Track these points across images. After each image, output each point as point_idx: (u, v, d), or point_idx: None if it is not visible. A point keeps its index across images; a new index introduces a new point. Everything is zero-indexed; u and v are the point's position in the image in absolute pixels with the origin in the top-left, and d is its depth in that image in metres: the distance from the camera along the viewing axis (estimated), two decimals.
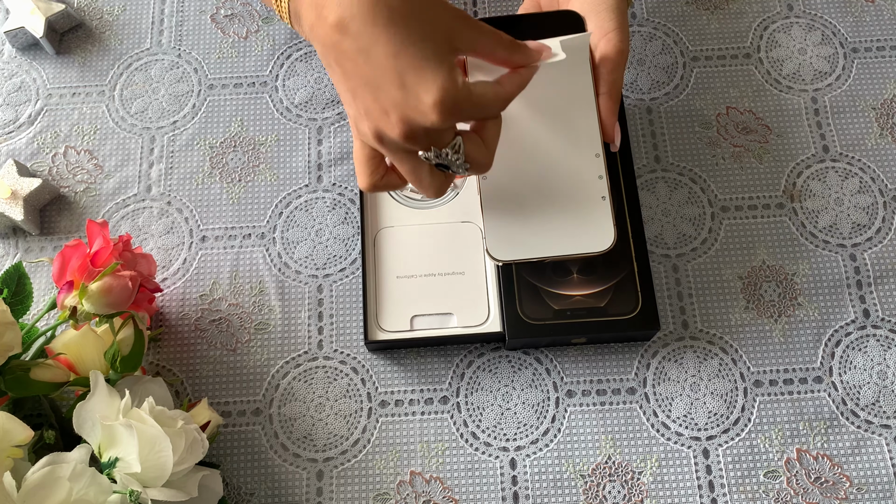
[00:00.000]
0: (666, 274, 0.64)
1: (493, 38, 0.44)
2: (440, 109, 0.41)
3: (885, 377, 0.60)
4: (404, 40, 0.41)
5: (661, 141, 0.68)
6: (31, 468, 0.46)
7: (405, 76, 0.41)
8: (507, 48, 0.45)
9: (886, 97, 0.69)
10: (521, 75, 0.46)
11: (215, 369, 0.62)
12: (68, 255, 0.54)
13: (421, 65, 0.41)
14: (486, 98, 0.43)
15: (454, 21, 0.43)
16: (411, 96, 0.41)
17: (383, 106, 0.42)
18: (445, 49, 0.42)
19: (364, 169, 0.47)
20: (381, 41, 0.40)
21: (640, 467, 0.58)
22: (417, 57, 0.41)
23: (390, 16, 0.40)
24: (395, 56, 0.41)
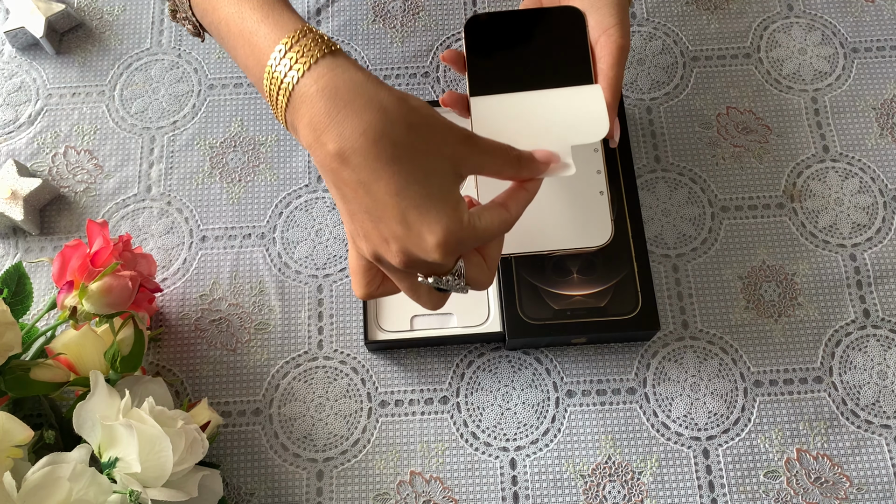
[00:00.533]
0: (666, 274, 0.64)
1: (500, 158, 0.42)
2: (443, 250, 0.39)
3: (886, 377, 0.60)
4: (408, 177, 0.39)
5: (661, 141, 0.68)
6: (31, 468, 0.46)
7: (408, 214, 0.39)
8: (514, 165, 0.43)
9: (886, 97, 0.69)
10: (528, 191, 0.44)
11: (215, 369, 0.62)
12: (68, 255, 0.54)
13: (424, 204, 0.39)
14: (491, 229, 0.41)
15: (459, 146, 0.41)
16: (413, 234, 0.39)
17: (383, 235, 0.40)
18: (450, 180, 0.40)
19: (360, 279, 0.45)
20: (383, 178, 0.39)
21: (640, 467, 0.58)
22: (421, 195, 0.39)
23: (394, 151, 0.39)
24: (398, 194, 0.39)
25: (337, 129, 0.39)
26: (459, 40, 0.72)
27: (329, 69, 0.40)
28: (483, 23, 0.52)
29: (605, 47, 0.50)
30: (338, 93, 0.40)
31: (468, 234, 0.40)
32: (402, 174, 0.39)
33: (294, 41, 0.42)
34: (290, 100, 0.41)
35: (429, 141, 0.40)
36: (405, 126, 0.39)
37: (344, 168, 0.39)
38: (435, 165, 0.40)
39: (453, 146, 0.40)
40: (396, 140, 0.39)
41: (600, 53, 0.51)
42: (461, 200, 0.41)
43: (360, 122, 0.39)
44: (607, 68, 0.50)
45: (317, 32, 0.42)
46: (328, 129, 0.39)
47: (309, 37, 0.42)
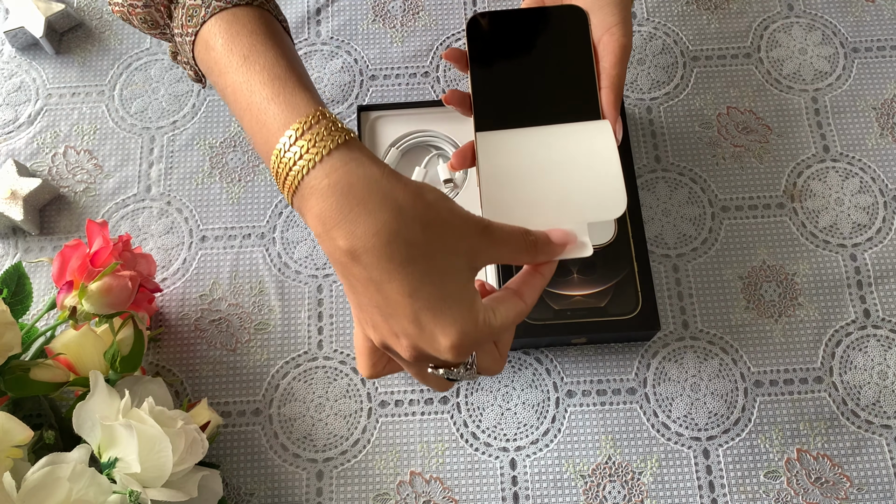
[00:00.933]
0: (666, 274, 0.64)
1: (516, 247, 0.41)
2: (457, 352, 0.38)
3: (886, 377, 0.60)
4: (422, 279, 0.37)
5: (661, 141, 0.68)
6: (30, 468, 0.46)
7: (421, 316, 0.37)
8: (530, 252, 0.42)
9: (887, 97, 0.69)
10: (544, 275, 0.43)
11: (215, 369, 0.62)
12: (68, 255, 0.54)
13: (438, 305, 0.37)
14: (507, 324, 0.40)
15: (476, 240, 0.39)
16: (426, 334, 0.38)
17: (394, 330, 0.39)
18: (465, 276, 0.39)
19: (366, 361, 0.43)
20: (395, 279, 0.37)
21: (640, 467, 0.58)
22: (435, 297, 0.37)
23: (408, 252, 0.37)
24: (411, 295, 0.37)
25: (348, 227, 0.37)
26: (459, 40, 0.72)
27: (343, 162, 0.38)
28: (485, 22, 0.52)
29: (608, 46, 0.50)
30: (351, 190, 0.37)
31: (483, 334, 0.38)
32: (416, 275, 0.37)
33: (306, 127, 0.39)
34: (299, 189, 0.39)
35: (444, 238, 0.38)
36: (420, 225, 0.37)
37: (354, 264, 0.37)
38: (450, 263, 0.38)
39: (470, 240, 0.39)
40: (411, 240, 0.37)
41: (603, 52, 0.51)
42: (476, 297, 0.39)
43: (373, 221, 0.37)
44: (610, 67, 0.50)
45: (331, 118, 0.40)
46: (339, 226, 0.37)
47: (322, 123, 0.39)
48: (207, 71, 0.44)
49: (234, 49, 0.43)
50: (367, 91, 0.70)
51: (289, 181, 0.39)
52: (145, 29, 0.48)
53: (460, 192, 0.64)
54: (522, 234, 0.41)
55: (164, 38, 0.49)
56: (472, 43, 0.52)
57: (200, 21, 0.44)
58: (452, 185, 0.64)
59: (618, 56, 0.50)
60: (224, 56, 0.43)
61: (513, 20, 0.53)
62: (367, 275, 0.37)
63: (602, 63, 0.50)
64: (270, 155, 0.40)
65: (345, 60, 0.71)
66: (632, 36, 0.52)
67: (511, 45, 0.52)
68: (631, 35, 0.51)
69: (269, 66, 0.42)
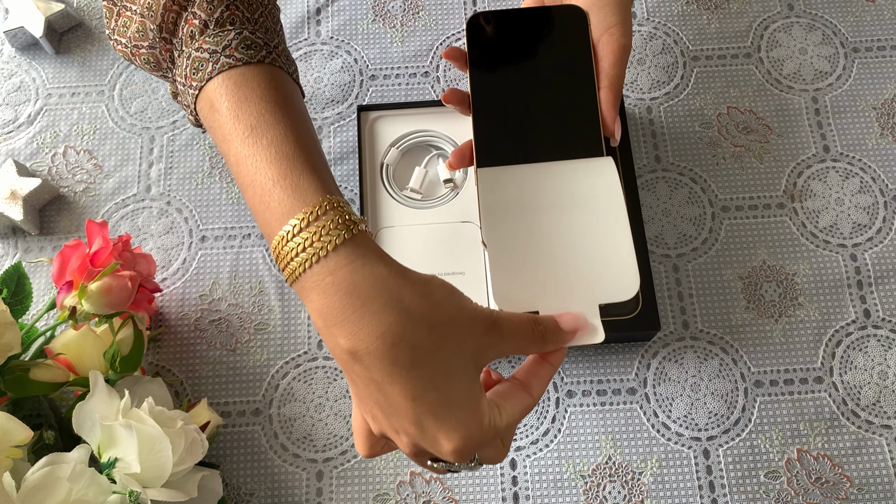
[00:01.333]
0: (666, 274, 0.64)
1: (524, 339, 0.39)
2: (460, 455, 0.36)
3: (886, 377, 0.60)
4: (426, 383, 0.35)
5: (661, 141, 0.68)
6: (30, 468, 0.46)
7: (423, 419, 0.36)
8: (539, 342, 0.40)
9: (887, 97, 0.69)
10: (553, 365, 0.41)
11: (215, 369, 0.62)
12: (68, 255, 0.54)
13: (442, 411, 0.36)
14: (513, 422, 0.38)
15: (484, 338, 0.37)
16: (428, 436, 0.36)
17: (394, 427, 0.37)
18: (471, 377, 0.37)
19: (364, 442, 0.41)
20: (398, 382, 0.35)
21: (640, 468, 0.58)
22: (439, 402, 0.36)
23: (412, 356, 0.35)
24: (414, 399, 0.35)
25: (351, 328, 0.35)
26: (459, 40, 0.72)
27: (349, 260, 0.36)
28: (485, 21, 0.52)
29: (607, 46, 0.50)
30: (356, 289, 0.36)
31: (488, 436, 0.37)
32: (420, 379, 0.35)
33: (312, 218, 0.37)
34: (300, 279, 0.37)
35: (451, 339, 0.36)
36: (427, 327, 0.36)
37: (356, 364, 0.36)
38: (455, 364, 0.36)
39: (478, 339, 0.37)
40: (416, 343, 0.35)
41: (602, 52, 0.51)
42: (481, 398, 0.37)
43: (377, 324, 0.35)
44: (609, 67, 0.50)
45: (339, 209, 0.37)
46: (341, 325, 0.36)
47: (329, 215, 0.37)
48: (210, 130, 0.42)
49: (240, 116, 0.39)
50: (367, 91, 0.70)
51: (289, 270, 0.37)
52: (147, 69, 0.45)
53: (460, 192, 0.64)
54: (531, 324, 0.39)
55: (166, 80, 0.46)
56: (472, 42, 0.52)
57: (206, 77, 0.41)
58: (452, 184, 0.64)
59: (617, 56, 0.50)
60: (229, 122, 0.40)
61: (512, 20, 0.53)
62: (369, 375, 0.36)
63: (601, 63, 0.50)
64: (272, 237, 0.38)
65: (345, 60, 0.71)
66: (631, 36, 0.52)
67: (510, 44, 0.52)
68: (631, 35, 0.51)
69: (277, 141, 0.39)
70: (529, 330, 0.39)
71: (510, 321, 0.39)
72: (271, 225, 0.38)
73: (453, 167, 0.52)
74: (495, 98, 0.50)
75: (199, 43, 0.41)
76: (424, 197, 0.64)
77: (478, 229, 0.63)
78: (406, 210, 0.63)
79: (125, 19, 0.44)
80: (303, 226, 0.37)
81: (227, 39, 0.41)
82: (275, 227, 0.38)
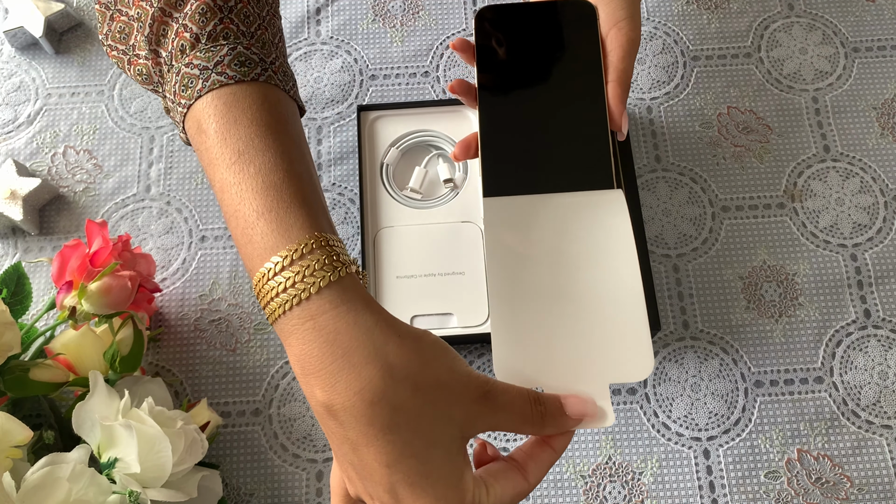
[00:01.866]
0: (666, 274, 0.64)
1: (520, 416, 0.35)
2: None
3: (886, 377, 0.60)
4: (403, 450, 0.32)
5: (661, 141, 0.68)
6: (30, 468, 0.46)
7: (398, 489, 0.33)
8: (537, 423, 0.36)
9: (887, 97, 0.69)
10: (556, 450, 0.37)
11: (215, 369, 0.62)
12: (67, 255, 0.54)
13: (419, 482, 0.33)
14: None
15: (474, 406, 0.34)
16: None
17: (369, 492, 0.35)
18: (455, 447, 0.34)
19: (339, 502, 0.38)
20: (374, 445, 0.32)
21: (640, 468, 0.58)
22: (416, 472, 0.33)
23: (392, 418, 0.32)
24: (389, 466, 0.33)
25: (329, 379, 0.33)
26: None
27: (332, 305, 0.33)
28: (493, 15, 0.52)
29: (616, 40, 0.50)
30: (337, 338, 0.33)
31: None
32: (398, 444, 0.32)
33: (296, 256, 0.34)
34: (279, 321, 0.34)
35: (437, 403, 0.33)
36: (411, 388, 0.33)
37: (331, 419, 0.33)
38: (439, 433, 0.33)
39: (466, 406, 0.34)
40: (397, 404, 0.32)
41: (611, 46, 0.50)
42: (465, 473, 0.34)
43: (356, 378, 0.32)
44: (617, 61, 0.50)
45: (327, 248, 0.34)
46: (318, 375, 0.33)
47: (315, 254, 0.34)
48: (198, 153, 0.39)
49: (228, 140, 0.36)
50: (367, 91, 0.70)
51: (269, 310, 0.35)
52: (139, 81, 0.42)
53: (460, 192, 0.64)
54: (530, 401, 0.36)
55: (157, 94, 0.43)
56: (480, 35, 0.52)
57: (195, 95, 0.37)
58: (452, 184, 0.64)
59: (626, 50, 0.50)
60: (216, 146, 0.37)
61: (521, 13, 0.53)
62: (344, 433, 0.33)
63: (609, 57, 0.50)
64: (254, 273, 0.35)
65: (345, 60, 0.71)
66: (640, 30, 0.51)
67: (519, 38, 0.52)
68: (639, 30, 0.51)
69: (265, 170, 0.35)
70: (528, 408, 0.36)
71: (506, 393, 0.35)
72: (253, 260, 0.35)
73: (458, 158, 0.52)
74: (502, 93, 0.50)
75: (189, 58, 0.38)
76: (424, 197, 0.64)
77: (478, 229, 0.63)
78: (406, 210, 0.63)
79: (120, 24, 0.42)
80: (285, 264, 0.34)
81: (220, 55, 0.38)
82: (256, 263, 0.35)
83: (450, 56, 0.71)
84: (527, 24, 0.52)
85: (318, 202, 0.37)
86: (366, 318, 0.34)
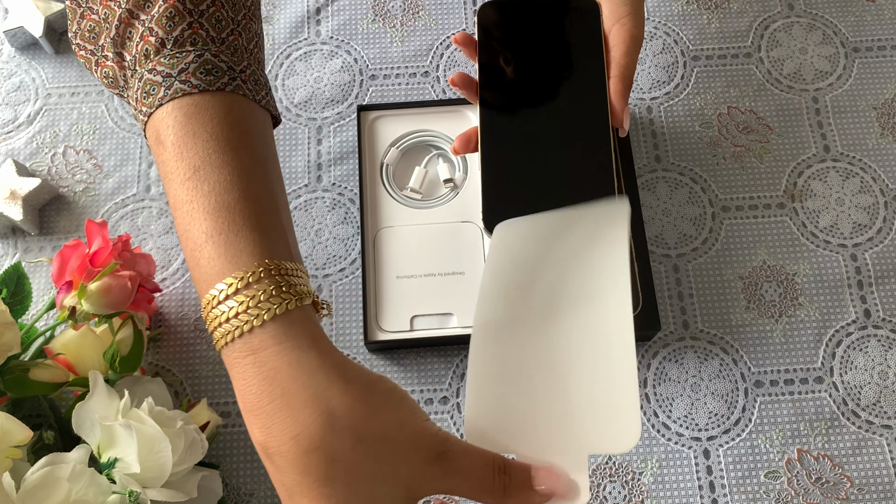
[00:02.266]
0: (666, 274, 0.64)
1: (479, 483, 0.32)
2: None
3: (886, 377, 0.60)
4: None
5: (661, 141, 0.68)
6: (30, 468, 0.46)
7: None
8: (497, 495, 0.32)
9: (887, 97, 0.69)
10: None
11: (215, 369, 0.62)
12: (67, 255, 0.54)
13: None
14: None
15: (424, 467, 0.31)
16: None
17: None
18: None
19: None
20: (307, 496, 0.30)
21: (640, 468, 0.58)
22: None
23: (327, 471, 0.29)
24: None
25: (265, 420, 0.31)
26: None
27: (275, 341, 0.31)
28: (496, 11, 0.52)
29: (619, 36, 0.50)
30: (277, 377, 0.30)
31: None
32: (333, 499, 0.30)
33: (241, 286, 0.31)
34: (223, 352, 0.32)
35: (380, 460, 0.30)
36: (352, 439, 0.30)
37: (268, 461, 0.31)
38: (381, 492, 0.30)
39: (416, 466, 0.31)
40: (335, 456, 0.30)
41: (613, 42, 0.50)
42: None
43: (293, 423, 0.30)
44: (620, 57, 0.50)
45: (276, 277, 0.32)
46: (255, 413, 0.31)
47: (263, 284, 0.31)
48: (157, 164, 0.37)
49: (184, 154, 0.34)
50: (367, 91, 0.70)
51: (215, 338, 0.32)
52: (106, 84, 0.40)
53: (460, 192, 0.64)
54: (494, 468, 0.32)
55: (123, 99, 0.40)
56: (483, 31, 0.52)
57: (156, 103, 0.35)
58: (452, 184, 0.64)
59: (628, 46, 0.50)
60: (172, 159, 0.34)
61: (524, 9, 0.52)
62: (280, 477, 0.31)
63: (612, 53, 0.50)
64: (202, 297, 0.33)
65: (345, 60, 0.71)
66: (643, 27, 0.51)
67: (521, 34, 0.52)
68: (643, 26, 0.51)
69: (219, 189, 0.33)
70: (489, 476, 0.32)
71: (466, 457, 0.32)
72: (200, 284, 0.33)
73: (458, 152, 0.51)
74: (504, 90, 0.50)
75: (153, 64, 0.36)
76: (424, 197, 0.64)
77: (478, 229, 0.63)
78: (406, 210, 0.63)
79: (91, 23, 0.39)
80: (229, 292, 0.31)
81: (185, 62, 0.35)
82: (203, 288, 0.33)
83: (450, 56, 0.71)
84: (529, 20, 0.52)
85: (276, 226, 0.34)
86: (310, 357, 0.31)
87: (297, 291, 0.32)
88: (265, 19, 0.73)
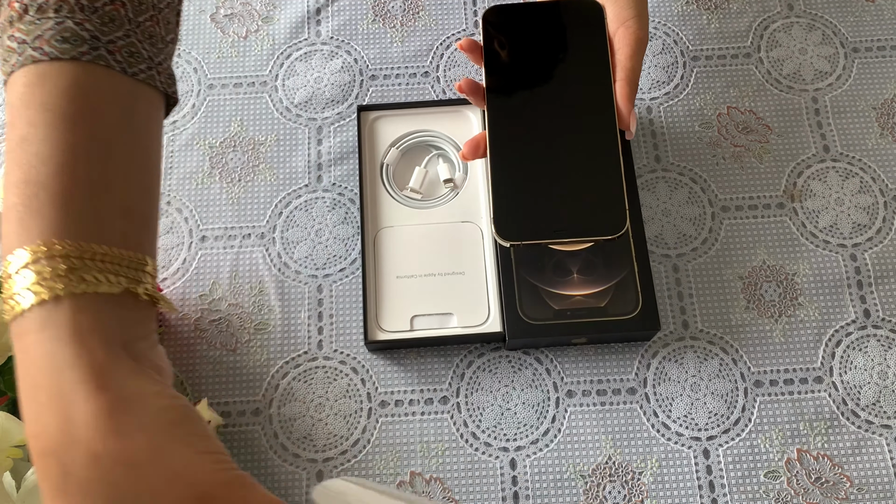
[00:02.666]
0: (666, 274, 0.64)
1: None
2: None
3: (886, 377, 0.60)
4: None
5: (661, 141, 0.68)
6: (30, 468, 0.46)
7: None
8: None
9: (887, 97, 0.69)
10: None
11: (215, 369, 0.62)
12: None
13: None
14: None
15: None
16: None
17: None
18: None
19: None
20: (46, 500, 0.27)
21: (640, 467, 0.58)
22: None
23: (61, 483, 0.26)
24: None
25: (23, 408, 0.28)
26: (459, 40, 0.72)
27: (37, 328, 0.28)
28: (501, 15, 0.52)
29: (623, 38, 0.50)
30: (31, 368, 0.28)
31: None
32: None
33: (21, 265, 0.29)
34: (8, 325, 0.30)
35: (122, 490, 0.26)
36: (87, 456, 0.26)
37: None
38: None
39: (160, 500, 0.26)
40: (67, 469, 0.26)
41: (618, 45, 0.50)
42: None
43: (35, 420, 0.28)
44: (625, 59, 0.50)
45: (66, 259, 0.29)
46: (20, 398, 0.29)
47: (41, 264, 0.29)
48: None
49: (15, 123, 0.32)
50: (367, 91, 0.70)
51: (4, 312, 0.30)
52: None
53: (460, 192, 0.64)
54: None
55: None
56: (487, 36, 0.52)
57: (9, 70, 0.33)
58: (452, 184, 0.64)
59: (633, 49, 0.50)
60: (7, 129, 0.32)
61: (529, 14, 0.53)
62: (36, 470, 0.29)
63: (617, 55, 0.50)
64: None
65: (345, 60, 0.71)
66: (648, 29, 0.51)
67: (526, 38, 0.52)
68: (647, 28, 0.51)
69: (34, 162, 0.30)
70: None
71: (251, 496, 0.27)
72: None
73: (467, 158, 0.51)
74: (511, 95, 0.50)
75: (12, 30, 0.33)
76: (424, 197, 0.64)
77: (478, 229, 0.63)
78: (406, 210, 0.63)
79: None
80: (10, 271, 0.29)
81: (42, 29, 0.33)
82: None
83: (450, 56, 0.72)
84: (534, 25, 0.52)
85: (97, 208, 0.31)
86: (64, 353, 0.28)
87: (84, 277, 0.29)
88: (265, 19, 0.73)
